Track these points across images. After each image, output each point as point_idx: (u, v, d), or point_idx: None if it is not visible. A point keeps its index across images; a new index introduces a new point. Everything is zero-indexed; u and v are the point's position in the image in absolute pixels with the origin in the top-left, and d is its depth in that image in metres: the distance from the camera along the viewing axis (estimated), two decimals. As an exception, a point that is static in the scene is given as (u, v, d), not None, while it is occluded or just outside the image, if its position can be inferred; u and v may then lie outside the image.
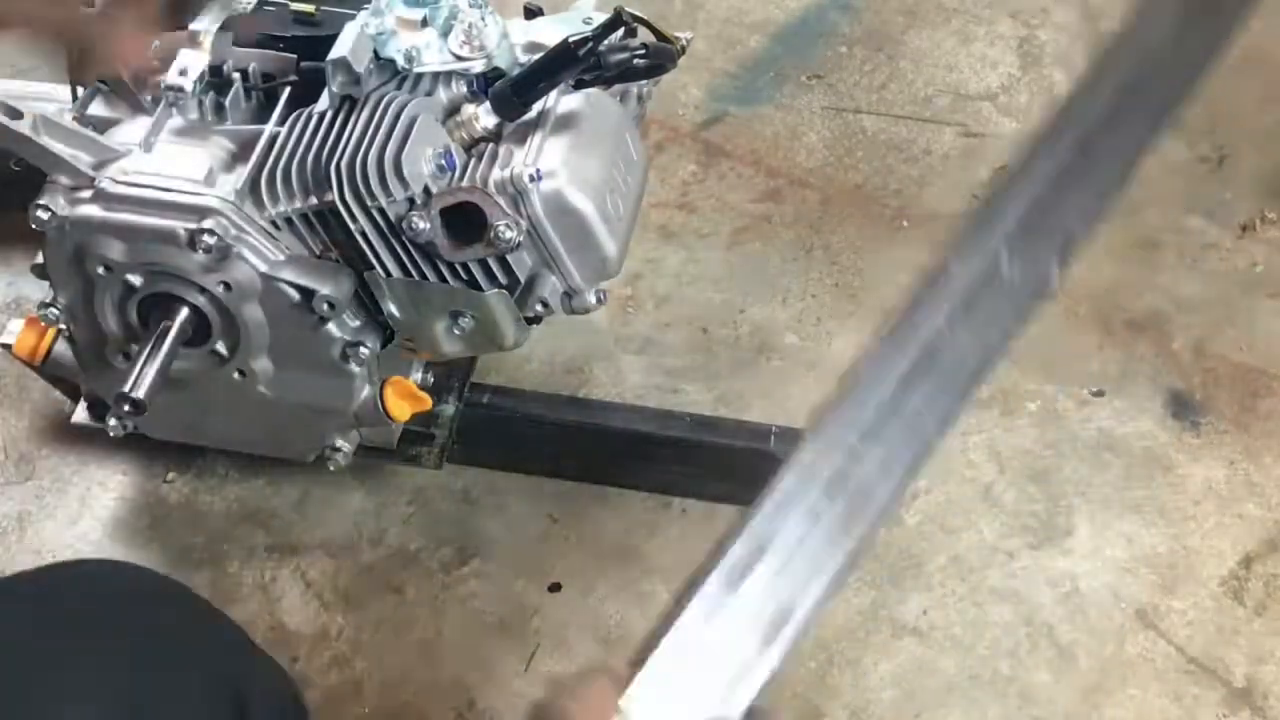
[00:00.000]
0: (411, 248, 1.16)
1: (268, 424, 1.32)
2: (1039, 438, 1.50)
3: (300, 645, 1.38)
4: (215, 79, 1.21)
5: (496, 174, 1.12)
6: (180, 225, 1.15)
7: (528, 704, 0.81)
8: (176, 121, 1.21)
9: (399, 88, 1.17)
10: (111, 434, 1.29)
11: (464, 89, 1.19)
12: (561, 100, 1.18)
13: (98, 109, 1.26)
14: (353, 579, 1.43)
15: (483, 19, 1.16)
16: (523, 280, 1.18)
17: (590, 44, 1.12)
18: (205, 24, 1.24)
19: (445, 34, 1.17)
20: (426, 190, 1.12)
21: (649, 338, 1.62)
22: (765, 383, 1.56)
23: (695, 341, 1.61)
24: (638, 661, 0.80)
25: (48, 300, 1.26)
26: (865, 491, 0.86)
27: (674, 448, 1.43)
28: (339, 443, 1.34)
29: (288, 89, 1.21)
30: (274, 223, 1.17)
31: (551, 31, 1.20)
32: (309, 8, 1.24)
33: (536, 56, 1.17)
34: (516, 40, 1.21)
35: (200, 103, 1.20)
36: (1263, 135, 1.83)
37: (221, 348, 1.23)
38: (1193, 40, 1.08)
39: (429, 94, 1.18)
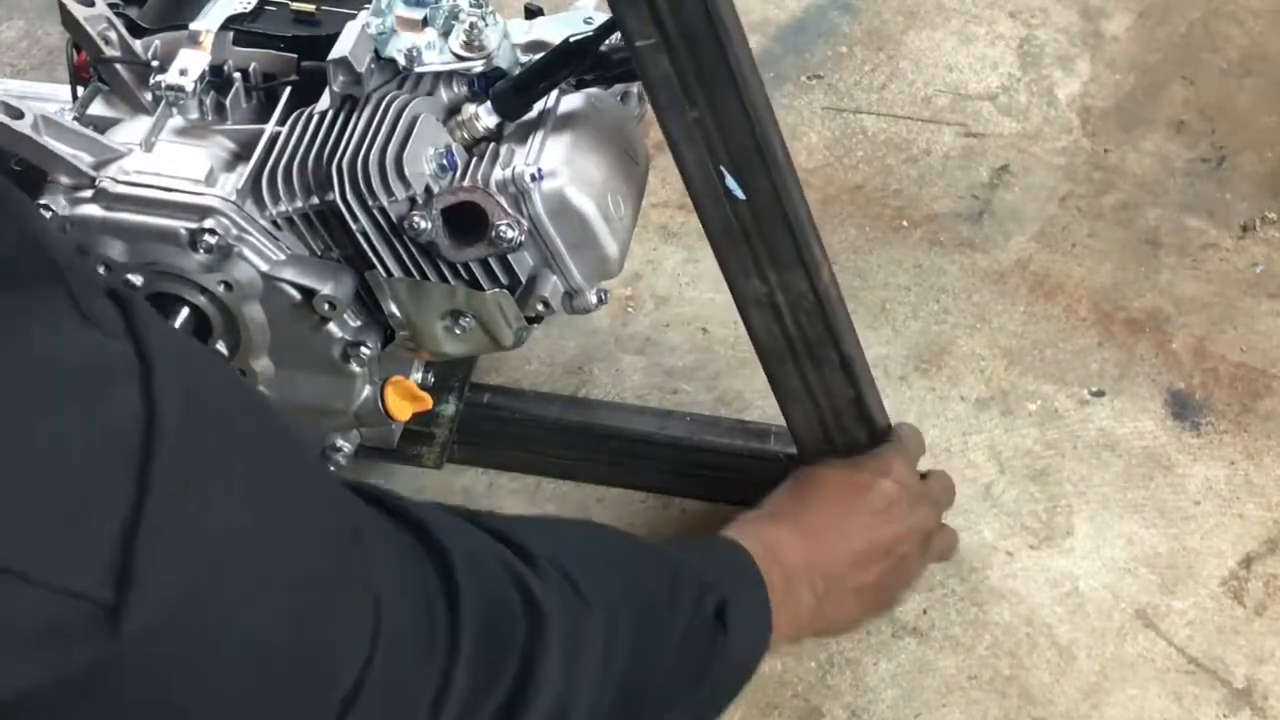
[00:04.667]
0: (413, 247, 1.16)
1: (268, 424, 1.32)
2: (1039, 438, 1.50)
3: (300, 645, 1.38)
4: (215, 79, 1.21)
5: (498, 173, 1.12)
6: (181, 225, 1.15)
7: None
8: (177, 121, 1.21)
9: (400, 87, 1.17)
10: (112, 434, 1.29)
11: (465, 89, 1.20)
12: (563, 100, 1.19)
13: (98, 108, 1.26)
14: (353, 579, 1.42)
15: (484, 19, 1.17)
16: (524, 280, 1.18)
17: (591, 44, 1.12)
18: (205, 24, 1.23)
19: (446, 34, 1.17)
20: (428, 190, 1.12)
21: (649, 338, 1.62)
22: (765, 383, 1.56)
23: (695, 341, 1.61)
24: None
25: (48, 300, 1.25)
26: None
27: (674, 448, 1.43)
28: (339, 443, 1.34)
29: (288, 89, 1.22)
30: (275, 222, 1.17)
31: (552, 31, 1.20)
32: (309, 7, 1.25)
33: (537, 56, 1.17)
34: (517, 40, 1.21)
35: (201, 102, 1.20)
36: (1263, 135, 1.83)
37: (222, 347, 1.23)
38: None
39: (430, 94, 1.19)
